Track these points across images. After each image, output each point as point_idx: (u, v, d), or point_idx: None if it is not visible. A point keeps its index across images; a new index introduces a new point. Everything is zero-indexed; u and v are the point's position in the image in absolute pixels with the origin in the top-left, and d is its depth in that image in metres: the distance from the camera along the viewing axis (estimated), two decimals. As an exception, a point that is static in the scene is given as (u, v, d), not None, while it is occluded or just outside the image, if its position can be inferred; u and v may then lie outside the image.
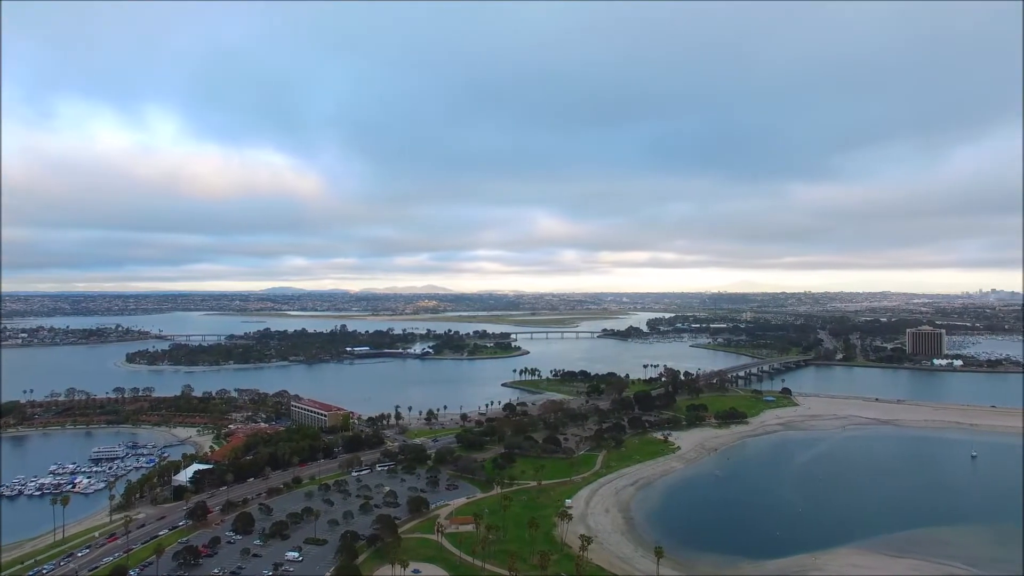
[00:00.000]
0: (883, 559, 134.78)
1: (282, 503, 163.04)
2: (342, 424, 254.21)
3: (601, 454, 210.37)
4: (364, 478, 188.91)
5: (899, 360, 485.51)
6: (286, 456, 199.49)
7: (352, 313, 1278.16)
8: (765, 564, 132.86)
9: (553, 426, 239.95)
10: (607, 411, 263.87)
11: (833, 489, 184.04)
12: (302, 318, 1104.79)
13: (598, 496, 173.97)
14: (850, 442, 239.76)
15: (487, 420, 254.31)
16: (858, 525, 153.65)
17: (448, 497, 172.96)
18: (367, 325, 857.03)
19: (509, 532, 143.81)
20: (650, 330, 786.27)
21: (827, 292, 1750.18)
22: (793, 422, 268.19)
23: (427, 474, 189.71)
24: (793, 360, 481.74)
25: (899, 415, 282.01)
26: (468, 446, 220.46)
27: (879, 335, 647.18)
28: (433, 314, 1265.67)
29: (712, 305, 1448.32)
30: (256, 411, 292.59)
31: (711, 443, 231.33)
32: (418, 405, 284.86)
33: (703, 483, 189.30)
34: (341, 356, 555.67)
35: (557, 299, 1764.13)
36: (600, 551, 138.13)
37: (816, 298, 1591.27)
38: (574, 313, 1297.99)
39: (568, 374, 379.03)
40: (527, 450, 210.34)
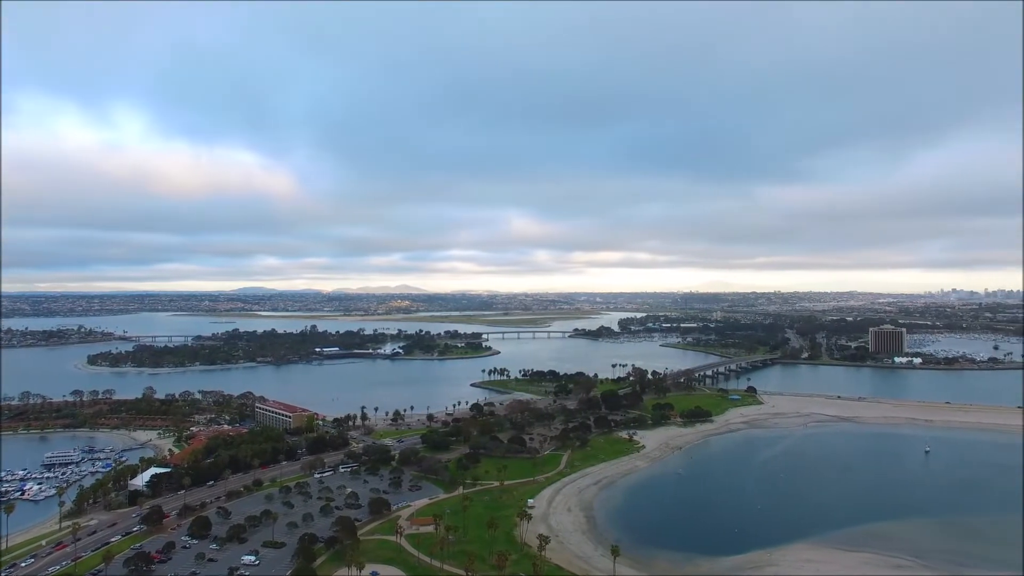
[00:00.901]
0: (836, 553, 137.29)
1: (241, 506, 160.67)
2: (306, 425, 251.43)
3: (566, 454, 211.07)
4: (327, 480, 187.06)
5: (862, 358, 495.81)
6: (247, 458, 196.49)
7: (324, 313, 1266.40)
8: (721, 561, 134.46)
9: (519, 426, 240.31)
10: (574, 411, 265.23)
11: (792, 486, 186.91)
12: (273, 318, 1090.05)
13: (561, 495, 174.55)
14: (811, 439, 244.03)
15: (454, 421, 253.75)
16: (814, 520, 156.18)
17: (411, 498, 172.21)
18: (338, 325, 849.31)
19: (470, 532, 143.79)
20: (621, 330, 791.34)
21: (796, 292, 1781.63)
22: (757, 420, 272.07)
23: (390, 475, 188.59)
24: (760, 359, 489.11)
25: (859, 412, 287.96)
26: (433, 447, 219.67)
27: (844, 334, 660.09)
28: (406, 314, 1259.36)
29: (684, 305, 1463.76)
30: (220, 413, 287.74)
31: (676, 442, 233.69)
32: (386, 406, 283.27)
33: (666, 482, 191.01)
34: (310, 357, 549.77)
35: (530, 299, 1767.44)
36: (561, 550, 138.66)
37: (785, 298, 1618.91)
38: (547, 313, 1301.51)
39: (537, 374, 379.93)
40: (492, 450, 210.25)
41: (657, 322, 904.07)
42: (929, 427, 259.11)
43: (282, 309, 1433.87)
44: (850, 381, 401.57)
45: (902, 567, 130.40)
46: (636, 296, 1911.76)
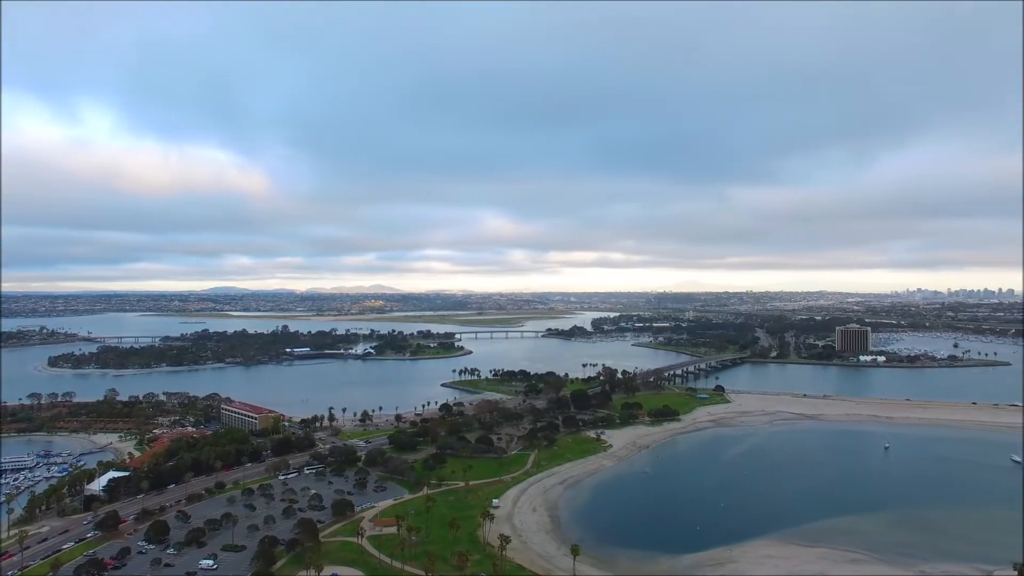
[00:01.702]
0: (794, 549, 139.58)
1: (202, 510, 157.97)
2: (273, 427, 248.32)
3: (533, 453, 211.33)
4: (291, 481, 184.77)
5: (829, 357, 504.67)
6: (210, 461, 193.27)
7: (296, 313, 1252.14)
8: (682, 558, 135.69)
9: (488, 426, 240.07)
10: (543, 410, 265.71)
11: (755, 483, 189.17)
12: (244, 319, 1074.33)
13: (526, 495, 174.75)
14: (775, 437, 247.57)
15: (422, 421, 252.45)
16: (775, 517, 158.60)
17: (375, 499, 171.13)
18: (310, 325, 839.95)
19: (433, 533, 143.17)
20: (594, 329, 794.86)
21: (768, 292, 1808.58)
22: (724, 419, 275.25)
23: (356, 476, 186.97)
24: (730, 358, 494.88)
25: (823, 410, 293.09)
26: (400, 447, 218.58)
27: (813, 333, 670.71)
28: (379, 314, 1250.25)
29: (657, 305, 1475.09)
30: (185, 415, 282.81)
31: (643, 441, 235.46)
32: (355, 406, 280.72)
33: (631, 480, 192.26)
34: (280, 357, 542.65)
35: (505, 299, 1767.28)
36: (524, 550, 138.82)
37: (757, 297, 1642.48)
38: (521, 313, 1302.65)
39: (507, 374, 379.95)
40: (459, 450, 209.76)
41: (630, 322, 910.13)
42: (890, 424, 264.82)
43: (254, 309, 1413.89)
44: (816, 379, 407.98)
45: (857, 561, 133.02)
46: (610, 296, 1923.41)
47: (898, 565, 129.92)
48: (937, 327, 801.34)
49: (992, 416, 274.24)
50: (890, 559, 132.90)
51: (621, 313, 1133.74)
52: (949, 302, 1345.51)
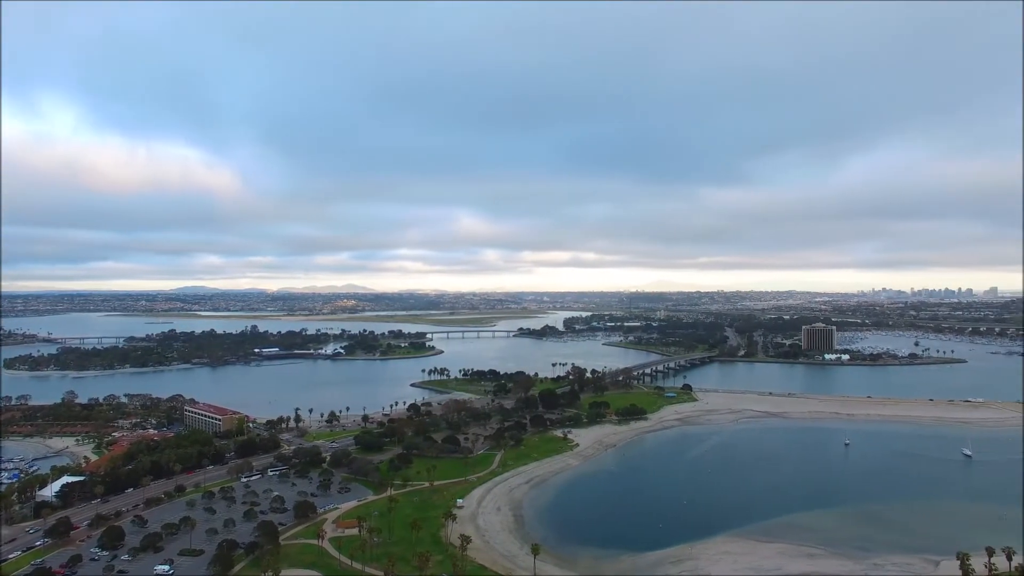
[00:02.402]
0: (753, 544, 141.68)
1: (160, 514, 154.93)
2: (237, 428, 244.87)
3: (499, 453, 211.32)
4: (253, 484, 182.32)
5: (795, 355, 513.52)
6: (170, 464, 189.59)
7: (266, 313, 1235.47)
8: (645, 556, 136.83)
9: (455, 426, 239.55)
10: (511, 410, 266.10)
11: (719, 481, 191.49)
12: (213, 318, 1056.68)
13: (491, 495, 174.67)
14: (740, 435, 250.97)
15: (389, 421, 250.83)
16: (737, 514, 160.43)
17: (339, 500, 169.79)
18: (281, 325, 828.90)
19: (396, 534, 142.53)
20: (566, 329, 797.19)
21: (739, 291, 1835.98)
22: (690, 417, 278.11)
23: (320, 477, 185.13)
24: (699, 357, 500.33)
25: (787, 408, 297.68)
26: (366, 448, 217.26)
27: (781, 332, 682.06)
28: (351, 314, 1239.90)
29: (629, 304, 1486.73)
30: (147, 417, 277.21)
31: (609, 439, 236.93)
32: (324, 407, 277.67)
33: (597, 479, 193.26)
34: (249, 358, 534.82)
35: (478, 298, 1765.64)
36: (487, 550, 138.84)
37: (728, 297, 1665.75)
38: (494, 312, 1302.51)
39: (477, 373, 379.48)
40: (425, 450, 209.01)
41: (602, 321, 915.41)
42: (851, 420, 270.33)
43: (224, 309, 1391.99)
44: (783, 377, 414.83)
45: (813, 555, 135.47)
46: (583, 295, 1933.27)
47: (851, 559, 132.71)
48: (900, 326, 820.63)
49: (947, 412, 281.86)
50: (844, 553, 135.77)
51: (593, 313, 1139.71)
52: (912, 301, 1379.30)
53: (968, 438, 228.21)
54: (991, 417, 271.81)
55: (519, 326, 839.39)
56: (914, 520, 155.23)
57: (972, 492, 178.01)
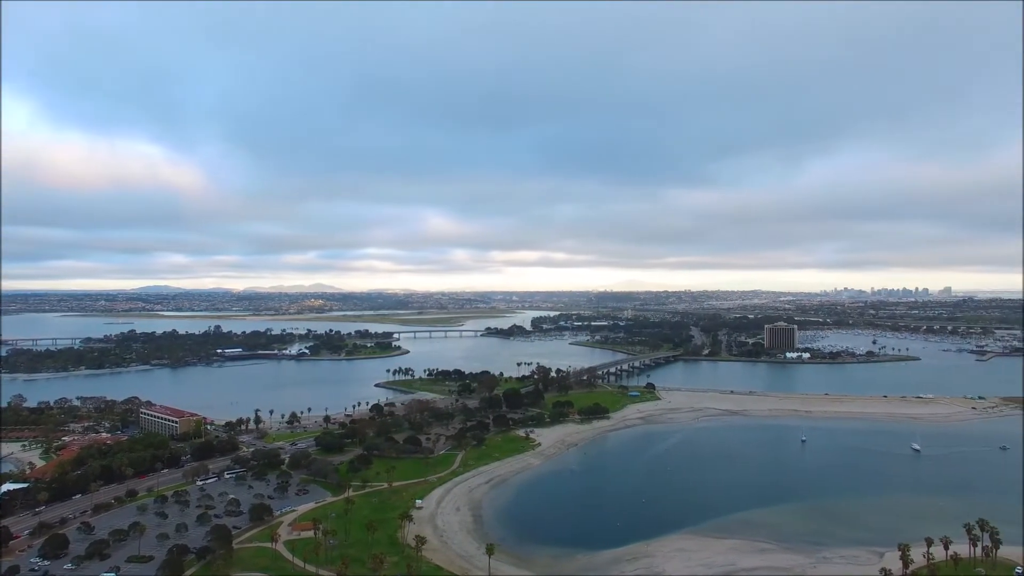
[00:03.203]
0: (708, 541, 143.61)
1: (109, 520, 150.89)
2: (194, 430, 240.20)
3: (461, 453, 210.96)
4: (209, 487, 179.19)
5: (758, 354, 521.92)
6: (122, 468, 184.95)
7: (231, 313, 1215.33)
8: (600, 554, 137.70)
9: (418, 426, 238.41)
10: (474, 409, 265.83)
11: (677, 478, 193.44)
12: (175, 319, 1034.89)
13: (451, 495, 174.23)
14: (700, 433, 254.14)
15: (351, 422, 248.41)
16: (693, 511, 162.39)
17: (297, 502, 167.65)
18: (246, 325, 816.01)
19: (353, 536, 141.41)
20: (533, 328, 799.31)
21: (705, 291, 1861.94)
22: (653, 416, 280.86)
23: (278, 479, 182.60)
24: (663, 356, 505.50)
25: (748, 406, 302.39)
26: (327, 449, 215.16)
27: (745, 331, 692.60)
28: (318, 313, 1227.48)
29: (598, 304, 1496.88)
30: (100, 421, 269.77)
31: (572, 439, 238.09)
32: (286, 408, 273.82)
33: (557, 478, 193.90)
34: (211, 358, 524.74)
35: (447, 298, 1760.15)
36: (444, 550, 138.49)
37: (695, 296, 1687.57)
38: (462, 312, 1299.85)
39: (442, 373, 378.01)
40: (386, 451, 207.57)
41: (569, 320, 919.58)
42: (808, 417, 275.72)
43: (187, 309, 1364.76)
44: (745, 376, 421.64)
45: (765, 551, 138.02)
46: (552, 295, 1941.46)
47: (801, 553, 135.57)
48: (860, 324, 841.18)
49: (899, 408, 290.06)
50: (795, 547, 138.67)
51: (562, 312, 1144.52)
52: (872, 301, 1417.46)
53: (917, 433, 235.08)
54: (940, 412, 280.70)
55: (487, 326, 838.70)
56: (863, 514, 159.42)
57: (918, 485, 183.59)
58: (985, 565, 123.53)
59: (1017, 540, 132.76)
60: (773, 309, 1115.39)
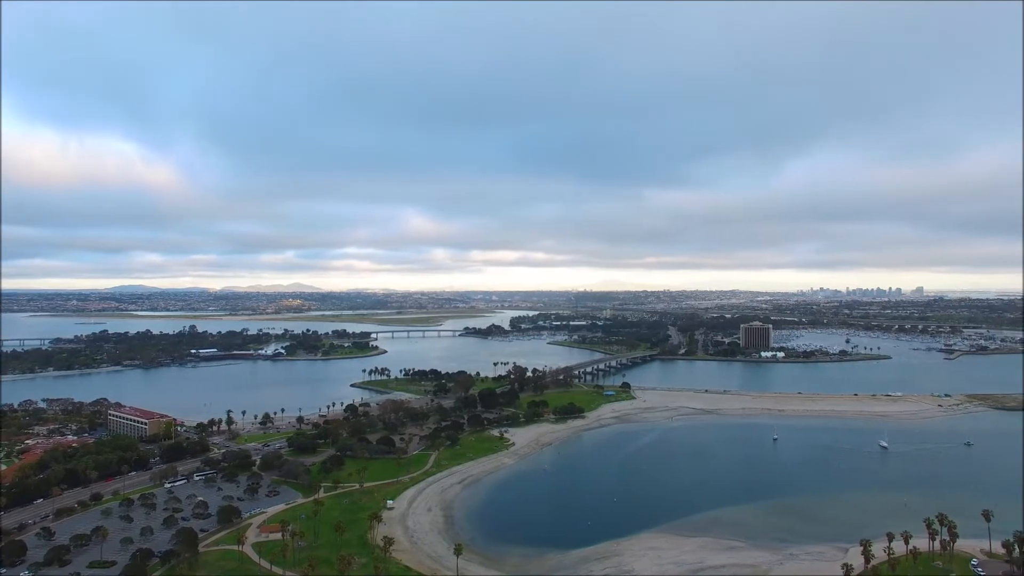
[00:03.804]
0: (677, 540, 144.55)
1: (71, 525, 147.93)
2: (164, 432, 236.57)
3: (434, 453, 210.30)
4: (177, 489, 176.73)
5: (733, 353, 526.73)
6: (86, 471, 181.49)
7: (208, 313, 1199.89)
8: (570, 554, 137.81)
9: (392, 426, 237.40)
10: (449, 409, 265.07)
11: (650, 478, 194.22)
12: (150, 319, 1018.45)
13: (423, 495, 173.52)
14: (674, 432, 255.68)
15: (325, 422, 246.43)
16: (665, 510, 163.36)
17: (267, 504, 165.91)
18: (222, 326, 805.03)
19: (323, 537, 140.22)
20: (512, 328, 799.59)
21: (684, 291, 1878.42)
22: (628, 415, 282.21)
23: (248, 481, 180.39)
24: (640, 355, 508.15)
25: (722, 405, 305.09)
26: (299, 449, 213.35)
27: (721, 330, 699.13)
28: (297, 313, 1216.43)
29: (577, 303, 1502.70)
30: (67, 423, 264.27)
31: (546, 438, 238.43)
32: (260, 408, 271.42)
33: (530, 478, 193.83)
34: (185, 359, 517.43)
35: (426, 298, 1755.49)
36: (414, 551, 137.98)
37: (673, 296, 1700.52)
38: (441, 312, 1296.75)
39: (418, 373, 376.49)
40: (360, 452, 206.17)
41: (548, 320, 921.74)
42: (781, 416, 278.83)
43: (162, 309, 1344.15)
44: (720, 375, 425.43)
45: (734, 548, 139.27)
46: (532, 295, 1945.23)
47: (769, 550, 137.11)
48: (834, 324, 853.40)
49: (869, 406, 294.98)
50: (764, 544, 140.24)
51: (541, 312, 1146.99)
52: (847, 300, 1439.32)
53: (885, 430, 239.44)
54: (908, 409, 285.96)
55: (466, 325, 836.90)
56: (830, 510, 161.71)
57: (884, 482, 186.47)
58: (943, 558, 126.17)
59: (975, 533, 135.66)
60: (750, 309, 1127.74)
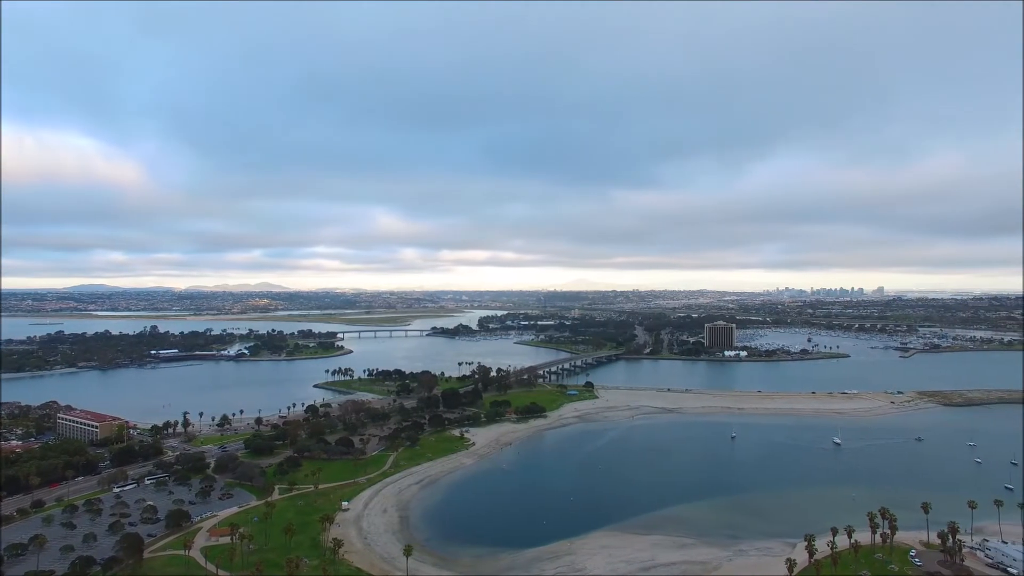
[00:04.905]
0: (631, 538, 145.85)
1: (8, 535, 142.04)
2: (116, 435, 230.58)
3: (393, 453, 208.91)
4: (126, 494, 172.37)
5: (698, 352, 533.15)
6: (28, 477, 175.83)
7: (171, 313, 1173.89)
8: (524, 553, 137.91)
9: (352, 427, 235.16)
10: (411, 409, 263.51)
11: (607, 476, 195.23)
12: (110, 319, 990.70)
13: (379, 496, 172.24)
14: (634, 431, 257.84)
15: (284, 423, 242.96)
16: (619, 508, 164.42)
17: (220, 507, 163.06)
18: (185, 326, 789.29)
19: (275, 540, 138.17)
20: (480, 328, 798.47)
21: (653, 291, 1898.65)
22: (589, 414, 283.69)
23: (201, 484, 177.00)
24: (606, 355, 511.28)
25: (683, 403, 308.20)
26: (257, 451, 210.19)
27: (688, 330, 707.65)
28: (264, 313, 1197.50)
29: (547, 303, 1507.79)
30: (12, 428, 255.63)
31: (507, 438, 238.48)
32: (220, 410, 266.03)
33: (488, 478, 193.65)
34: (144, 360, 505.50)
35: (395, 297, 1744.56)
36: (366, 552, 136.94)
37: (642, 296, 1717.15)
38: (410, 311, 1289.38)
39: (382, 373, 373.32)
40: (317, 453, 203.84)
41: (516, 320, 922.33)
42: (740, 414, 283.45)
43: (124, 309, 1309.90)
44: (684, 374, 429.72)
45: (685, 545, 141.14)
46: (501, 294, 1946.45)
47: (720, 546, 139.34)
48: (798, 323, 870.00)
49: (825, 403, 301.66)
50: (714, 541, 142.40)
51: (510, 311, 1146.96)
52: (811, 300, 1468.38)
53: (839, 427, 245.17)
54: (862, 406, 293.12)
55: (433, 325, 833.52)
56: (782, 506, 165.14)
57: (836, 477, 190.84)
58: (884, 551, 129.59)
59: (915, 525, 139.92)
60: (717, 309, 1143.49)
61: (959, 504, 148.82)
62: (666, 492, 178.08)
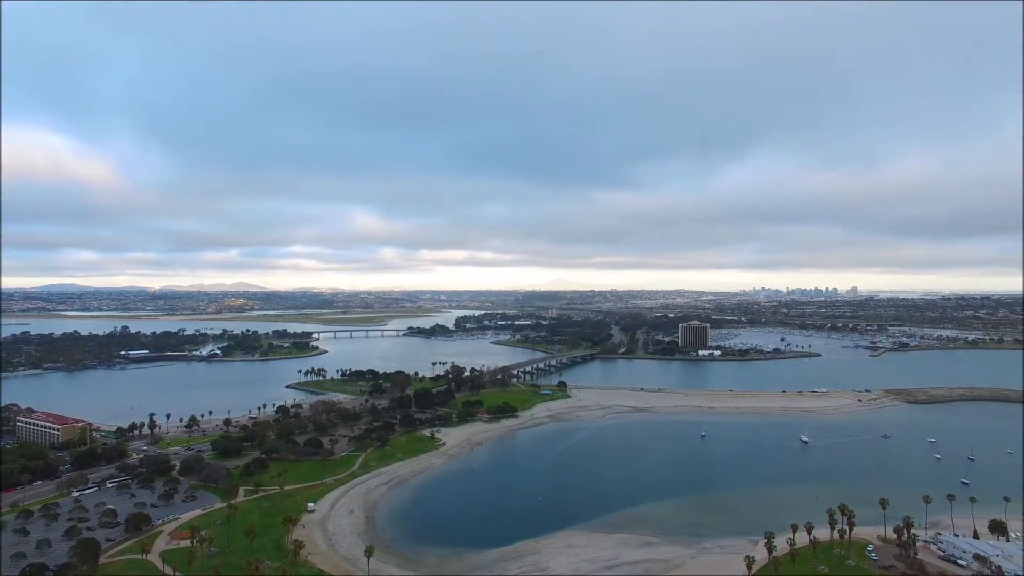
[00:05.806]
0: (596, 537, 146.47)
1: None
2: (79, 438, 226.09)
3: (363, 454, 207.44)
4: (86, 498, 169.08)
5: (672, 352, 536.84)
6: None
7: (144, 313, 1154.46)
8: (488, 553, 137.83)
9: (322, 427, 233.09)
10: (382, 410, 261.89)
11: (576, 476, 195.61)
12: (80, 319, 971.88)
13: (347, 497, 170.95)
14: (605, 430, 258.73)
15: (253, 424, 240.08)
16: (586, 508, 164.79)
17: (183, 510, 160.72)
18: (158, 326, 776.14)
19: (238, 543, 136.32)
20: (457, 328, 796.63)
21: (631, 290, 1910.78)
22: (561, 414, 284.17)
23: (165, 486, 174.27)
24: (580, 354, 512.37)
25: (655, 403, 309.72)
26: (224, 453, 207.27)
27: (664, 329, 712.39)
28: (239, 313, 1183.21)
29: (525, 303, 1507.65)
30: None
31: (478, 438, 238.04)
32: (188, 411, 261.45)
33: (457, 478, 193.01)
34: (113, 361, 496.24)
35: (373, 297, 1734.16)
36: (330, 554, 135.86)
37: (620, 296, 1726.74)
38: (388, 311, 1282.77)
39: (355, 373, 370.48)
40: (286, 453, 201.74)
41: (493, 320, 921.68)
42: (711, 413, 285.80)
43: (95, 308, 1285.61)
44: (658, 373, 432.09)
45: (650, 544, 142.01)
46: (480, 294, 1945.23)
47: (683, 544, 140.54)
48: (772, 323, 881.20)
49: (794, 402, 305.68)
50: (679, 539, 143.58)
51: (488, 311, 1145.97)
52: (786, 300, 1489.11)
53: (807, 425, 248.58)
54: (830, 405, 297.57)
55: (410, 325, 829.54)
56: (746, 504, 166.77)
57: (802, 475, 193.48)
58: (843, 546, 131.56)
59: (874, 520, 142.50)
60: (694, 308, 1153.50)
61: (916, 499, 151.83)
62: (634, 491, 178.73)
